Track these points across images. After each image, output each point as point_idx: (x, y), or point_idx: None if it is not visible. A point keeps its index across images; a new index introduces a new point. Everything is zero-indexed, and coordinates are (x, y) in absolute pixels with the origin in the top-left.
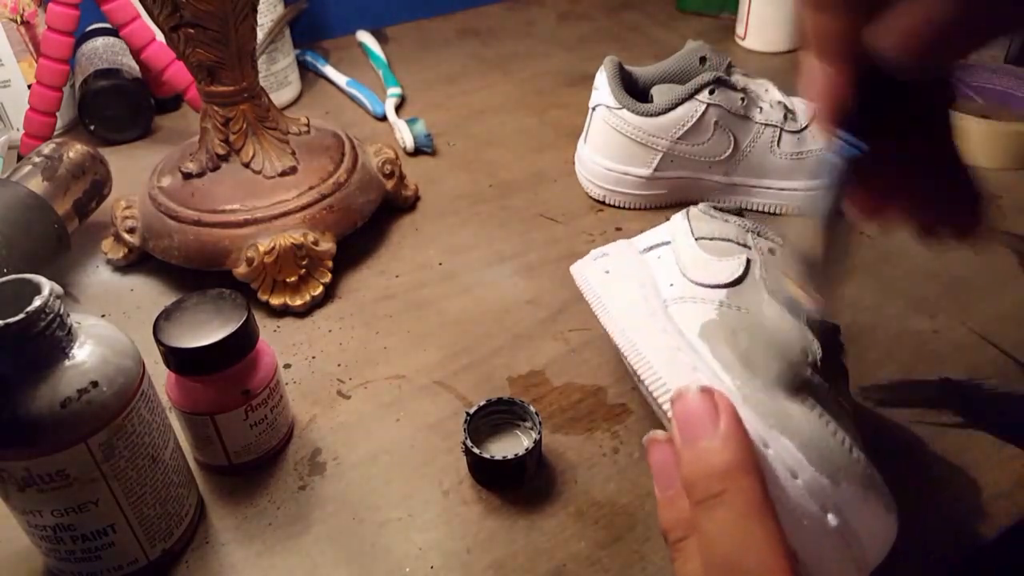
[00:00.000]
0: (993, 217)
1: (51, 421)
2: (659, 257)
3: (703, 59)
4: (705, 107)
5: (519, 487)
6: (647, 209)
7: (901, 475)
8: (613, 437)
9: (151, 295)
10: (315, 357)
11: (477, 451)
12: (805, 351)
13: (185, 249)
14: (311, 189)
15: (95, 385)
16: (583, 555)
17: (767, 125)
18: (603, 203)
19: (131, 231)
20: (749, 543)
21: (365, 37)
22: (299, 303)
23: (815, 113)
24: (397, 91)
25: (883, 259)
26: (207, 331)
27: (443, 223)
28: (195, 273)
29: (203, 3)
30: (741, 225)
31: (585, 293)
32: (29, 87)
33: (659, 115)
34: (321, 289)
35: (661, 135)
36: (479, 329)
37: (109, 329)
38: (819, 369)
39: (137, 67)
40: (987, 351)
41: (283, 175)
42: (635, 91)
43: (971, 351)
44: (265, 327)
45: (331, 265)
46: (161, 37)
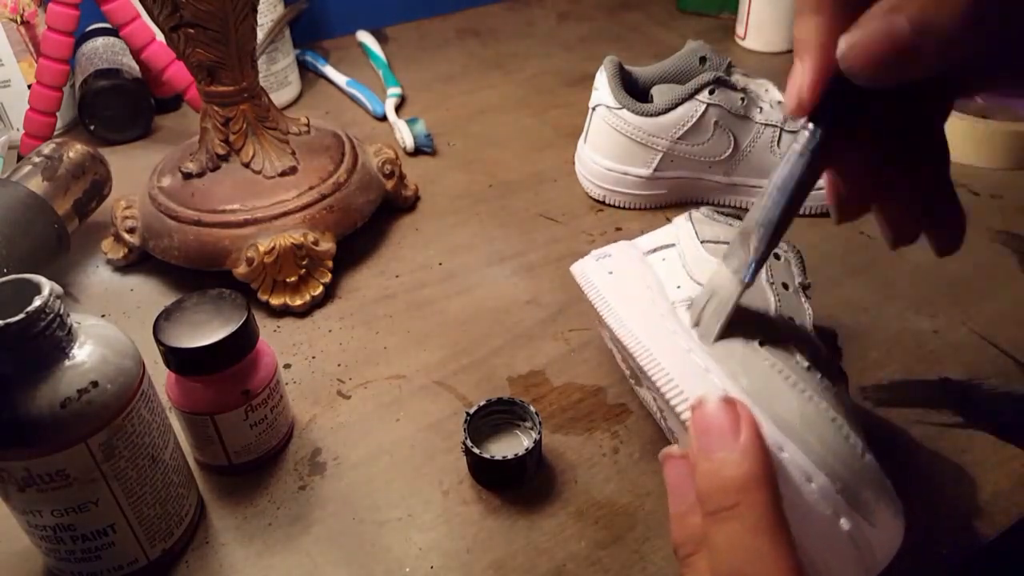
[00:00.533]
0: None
1: (51, 421)
2: (664, 259)
3: (703, 59)
4: (705, 107)
5: (519, 487)
6: (647, 209)
7: (901, 475)
8: (613, 437)
9: (151, 295)
10: (315, 357)
11: (477, 451)
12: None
13: (185, 249)
14: (311, 189)
15: (95, 385)
16: (583, 555)
17: (767, 125)
18: (603, 203)
19: (131, 231)
20: (758, 558)
21: (365, 37)
22: (299, 303)
23: (787, 103)
24: (397, 91)
25: (883, 259)
26: (207, 331)
27: (443, 223)
28: (195, 273)
29: (203, 3)
30: None
31: (588, 293)
32: (29, 87)
33: (659, 115)
34: (321, 289)
35: (661, 135)
36: (479, 329)
37: (109, 329)
38: (824, 368)
39: (137, 67)
40: (987, 351)
41: (283, 175)
42: (635, 91)
43: (971, 351)
44: (265, 327)
45: (331, 265)
46: (161, 37)
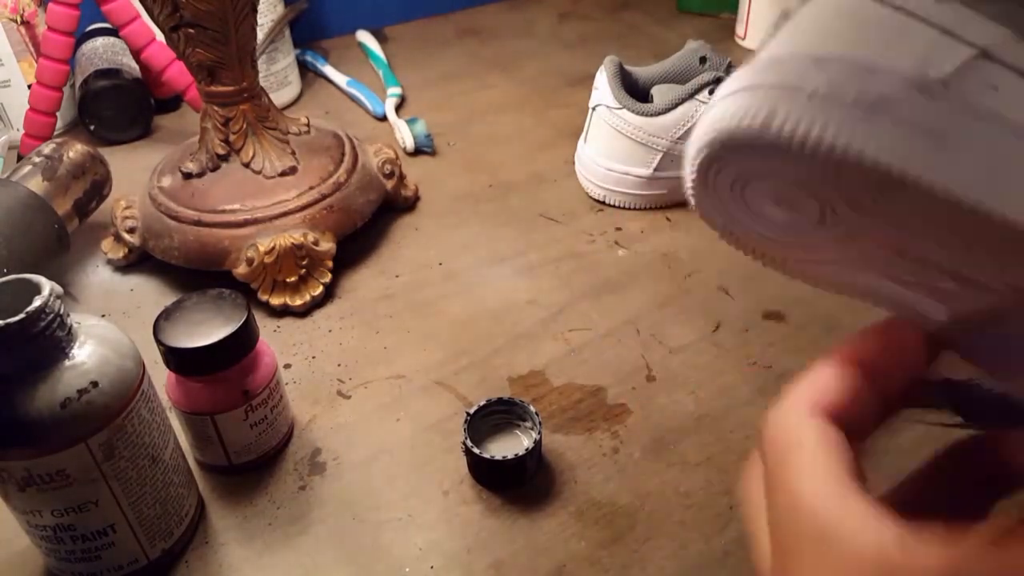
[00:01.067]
0: None
1: (51, 421)
2: None
3: (703, 59)
4: (705, 107)
5: (519, 487)
6: (647, 209)
7: (901, 475)
8: (613, 437)
9: (151, 295)
10: (315, 357)
11: (477, 451)
12: None
13: (185, 249)
14: (311, 189)
15: (95, 385)
16: (583, 555)
17: None
18: (603, 203)
19: (131, 231)
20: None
21: (365, 37)
22: (299, 303)
23: None
24: (397, 91)
25: None
26: (207, 331)
27: (443, 223)
28: (195, 273)
29: (203, 3)
30: None
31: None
32: (29, 87)
33: (659, 115)
34: (321, 289)
35: (661, 135)
36: (479, 329)
37: (109, 329)
38: None
39: (137, 67)
40: None
41: (283, 175)
42: (635, 91)
43: None
44: (265, 327)
45: (331, 265)
46: (161, 37)
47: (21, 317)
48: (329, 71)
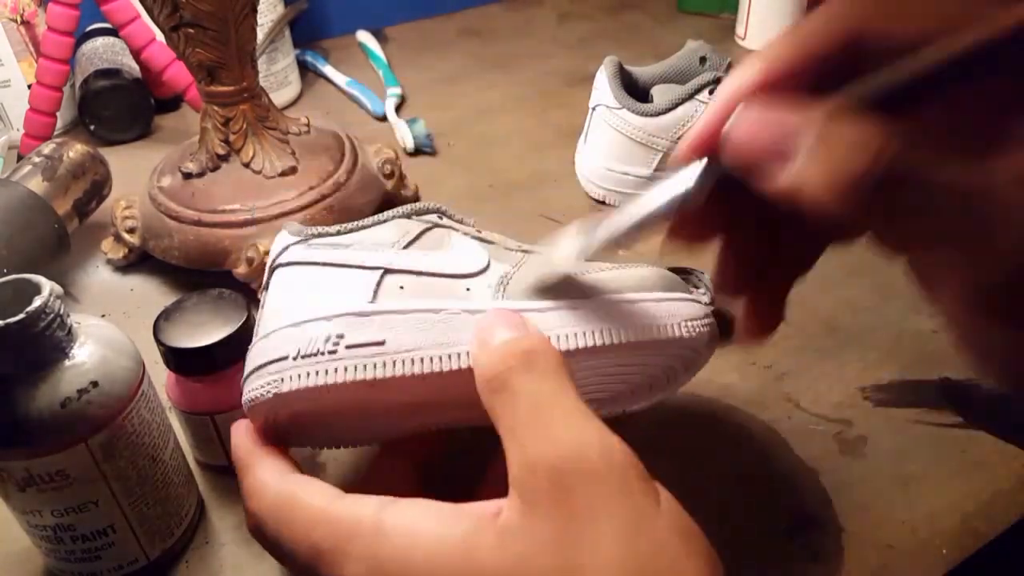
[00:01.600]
0: None
1: (51, 421)
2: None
3: (703, 59)
4: (705, 107)
5: None
6: None
7: (901, 475)
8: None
9: (151, 295)
10: None
11: None
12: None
13: (185, 249)
14: (311, 189)
15: (95, 385)
16: None
17: None
18: (603, 203)
19: (131, 231)
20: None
21: (365, 37)
22: None
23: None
24: (397, 91)
25: (883, 259)
26: (207, 331)
27: None
28: (195, 273)
29: (203, 3)
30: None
31: None
32: (29, 87)
33: (659, 115)
34: None
35: (661, 135)
36: None
37: (109, 329)
38: None
39: (137, 67)
40: None
41: (283, 175)
42: (635, 91)
43: None
44: None
45: None
46: (161, 37)
47: (21, 317)
48: (329, 71)
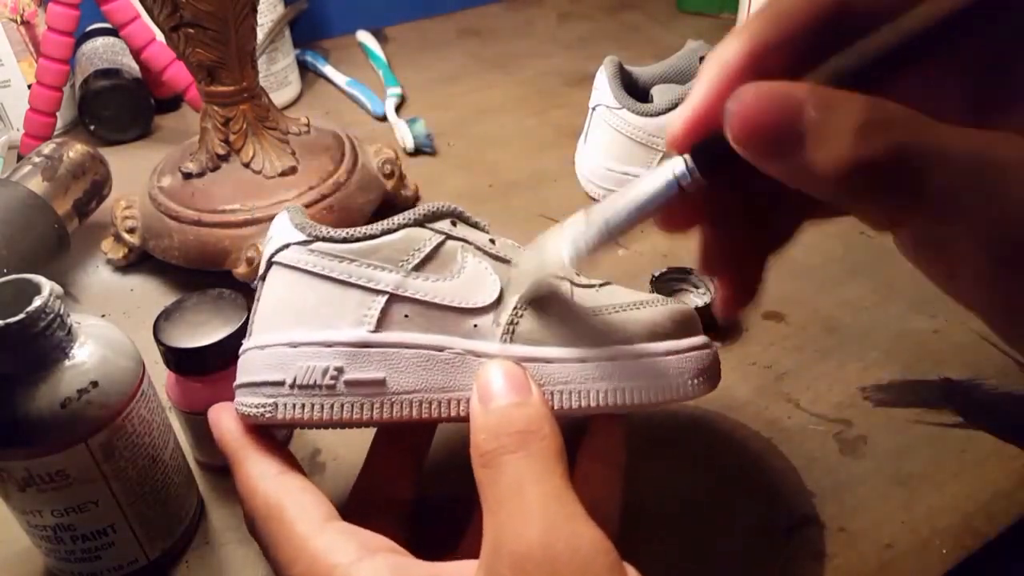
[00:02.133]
0: None
1: (51, 421)
2: None
3: (703, 59)
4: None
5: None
6: None
7: (901, 475)
8: None
9: (151, 295)
10: None
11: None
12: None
13: (185, 249)
14: (311, 189)
15: (95, 385)
16: None
17: None
18: None
19: (131, 231)
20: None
21: (365, 37)
22: None
23: (672, 132)
24: (397, 91)
25: (883, 259)
26: (207, 331)
27: None
28: (195, 273)
29: (203, 3)
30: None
31: None
32: (29, 87)
33: (659, 115)
34: None
35: (661, 135)
36: None
37: (109, 329)
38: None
39: (137, 67)
40: (987, 351)
41: (283, 175)
42: (635, 91)
43: (971, 351)
44: None
45: None
46: (161, 37)
47: (21, 317)
48: (329, 71)
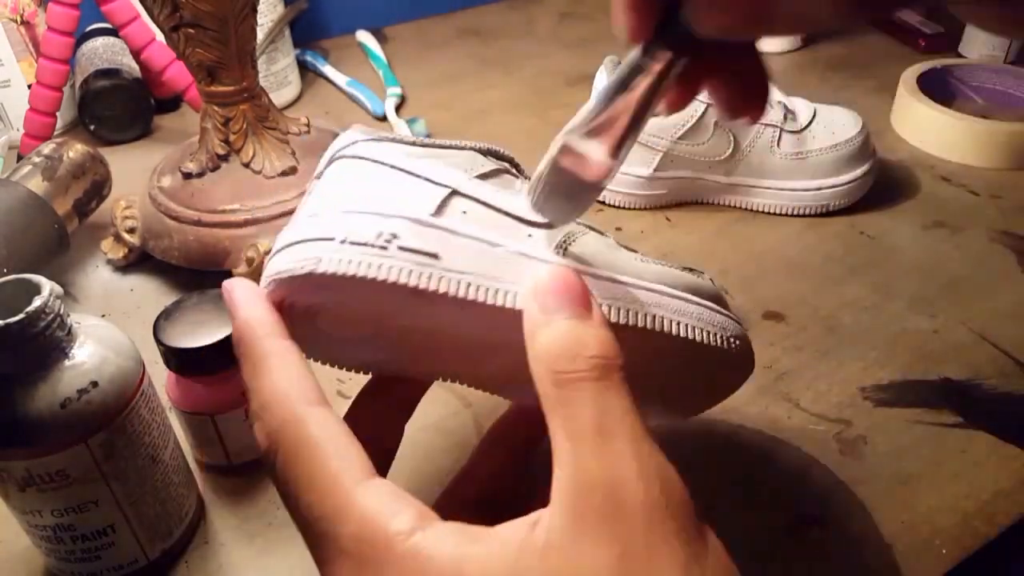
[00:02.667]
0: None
1: (51, 421)
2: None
3: None
4: (705, 107)
5: None
6: (647, 209)
7: (901, 475)
8: None
9: (151, 295)
10: None
11: None
12: None
13: (185, 249)
14: None
15: (95, 385)
16: None
17: (767, 125)
18: (603, 203)
19: (131, 231)
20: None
21: (365, 37)
22: None
23: (625, 28)
24: (397, 91)
25: (883, 259)
26: (207, 331)
27: None
28: (195, 273)
29: (203, 3)
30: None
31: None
32: (29, 87)
33: (659, 115)
34: None
35: (661, 135)
36: None
37: (109, 329)
38: None
39: (137, 67)
40: (987, 351)
41: (283, 175)
42: None
43: (971, 351)
44: None
45: None
46: (161, 37)
47: (21, 317)
48: (329, 71)
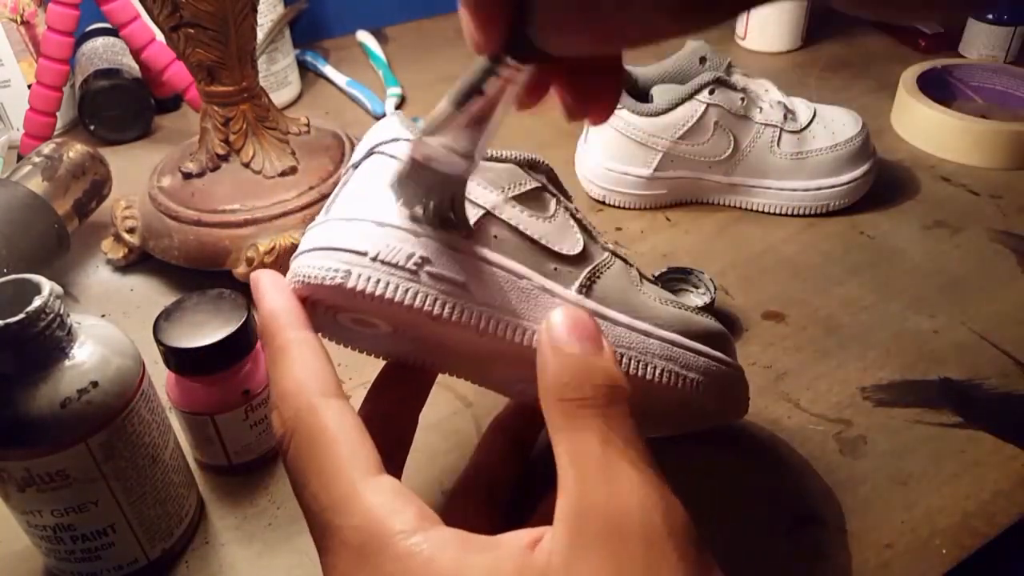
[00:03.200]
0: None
1: (51, 421)
2: None
3: (703, 59)
4: (705, 107)
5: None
6: (647, 209)
7: (901, 475)
8: None
9: (151, 295)
10: None
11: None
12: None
13: (185, 249)
14: (311, 189)
15: (95, 385)
16: None
17: (767, 125)
18: (603, 203)
19: (131, 231)
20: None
21: (365, 37)
22: None
23: (472, 42)
24: (397, 91)
25: (883, 259)
26: (207, 331)
27: None
28: (195, 273)
29: (203, 3)
30: None
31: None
32: (29, 87)
33: (659, 115)
34: None
35: (661, 135)
36: None
37: (109, 329)
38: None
39: (137, 67)
40: (987, 351)
41: (283, 175)
42: (635, 91)
43: (971, 351)
44: None
45: None
46: (161, 37)
47: (21, 317)
48: (329, 71)
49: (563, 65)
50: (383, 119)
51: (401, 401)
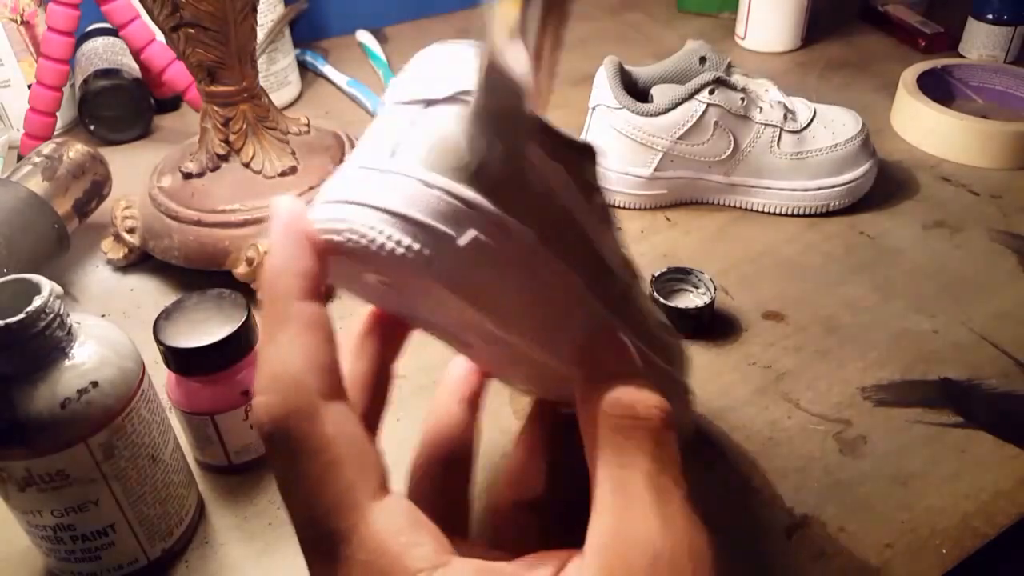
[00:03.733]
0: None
1: (51, 421)
2: None
3: (703, 59)
4: (705, 107)
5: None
6: (647, 209)
7: (901, 475)
8: None
9: (151, 295)
10: None
11: (663, 301)
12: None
13: (185, 249)
14: (311, 189)
15: (95, 385)
16: None
17: (767, 125)
18: None
19: (131, 231)
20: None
21: (365, 37)
22: None
23: None
24: None
25: (883, 259)
26: (207, 331)
27: None
28: (195, 273)
29: (203, 3)
30: None
31: None
32: (29, 87)
33: (659, 115)
34: None
35: (661, 135)
36: None
37: (109, 329)
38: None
39: (137, 67)
40: (987, 351)
41: (283, 175)
42: (635, 91)
43: (971, 351)
44: None
45: None
46: (161, 37)
47: (21, 317)
48: (329, 71)
49: None
50: (454, 49)
51: (382, 356)
